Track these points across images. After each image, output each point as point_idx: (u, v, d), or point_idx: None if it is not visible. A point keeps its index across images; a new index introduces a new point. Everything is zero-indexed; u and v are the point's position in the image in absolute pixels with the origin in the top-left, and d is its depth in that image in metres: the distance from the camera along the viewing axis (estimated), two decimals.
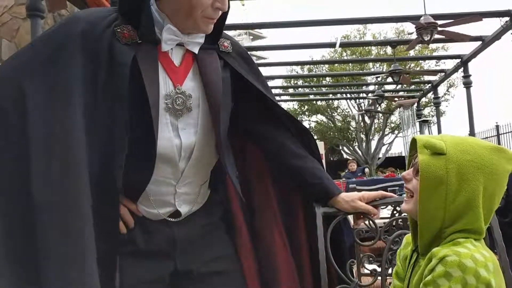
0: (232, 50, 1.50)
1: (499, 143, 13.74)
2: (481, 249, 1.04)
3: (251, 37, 43.04)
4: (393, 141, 24.79)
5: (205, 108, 1.38)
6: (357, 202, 1.50)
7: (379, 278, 1.53)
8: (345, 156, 26.41)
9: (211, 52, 1.43)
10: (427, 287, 1.00)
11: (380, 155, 24.53)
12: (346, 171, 15.45)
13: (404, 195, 1.24)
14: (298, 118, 27.25)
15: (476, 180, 1.05)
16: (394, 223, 1.77)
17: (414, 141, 1.20)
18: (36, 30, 4.87)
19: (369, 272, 1.58)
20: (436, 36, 7.07)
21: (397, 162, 18.34)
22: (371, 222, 1.56)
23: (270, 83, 16.73)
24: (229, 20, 1.45)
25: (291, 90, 21.18)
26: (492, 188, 1.07)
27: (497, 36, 8.08)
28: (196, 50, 1.38)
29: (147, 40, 1.31)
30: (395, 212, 2.23)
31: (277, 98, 22.51)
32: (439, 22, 6.77)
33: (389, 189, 3.83)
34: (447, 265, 0.97)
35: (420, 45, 8.56)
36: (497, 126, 14.24)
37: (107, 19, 1.30)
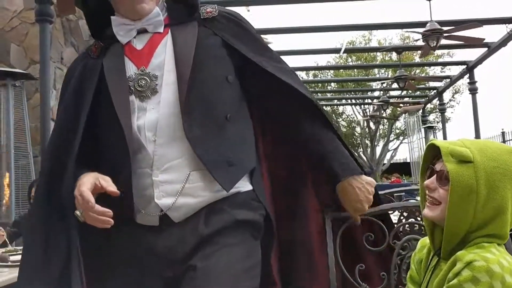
0: (218, 14, 1.39)
1: None
2: (504, 254, 1.05)
3: None
4: (398, 147, 24.75)
5: (170, 81, 1.29)
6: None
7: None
8: None
9: (188, 24, 1.36)
10: None
11: (385, 161, 24.47)
12: None
13: (412, 200, 1.26)
14: None
15: (504, 187, 1.05)
16: (401, 228, 1.78)
17: (430, 147, 1.17)
18: (44, 35, 4.92)
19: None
20: (443, 42, 7.07)
21: (402, 168, 18.29)
22: (380, 228, 1.56)
23: None
24: None
25: None
26: (509, 186, 1.06)
27: (503, 42, 8.07)
28: (159, 30, 1.35)
29: (112, 43, 1.37)
30: (402, 217, 2.24)
31: None
32: (445, 28, 6.77)
33: (395, 195, 3.82)
34: (475, 270, 0.97)
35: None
36: (503, 133, 14.16)
37: (81, 55, 1.46)
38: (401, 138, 23.66)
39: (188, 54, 1.29)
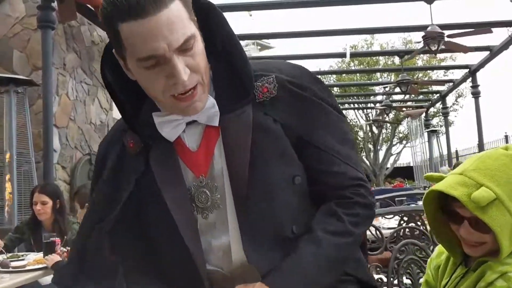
0: (278, 90, 1.09)
1: None
2: None
3: (259, 47, 43.12)
4: (401, 151, 24.68)
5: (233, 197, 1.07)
6: None
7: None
8: None
9: (241, 112, 1.07)
10: None
11: (388, 165, 24.41)
12: None
13: (413, 205, 1.24)
14: None
15: None
16: (401, 233, 1.78)
17: (432, 180, 1.13)
18: (46, 41, 4.95)
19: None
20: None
21: (405, 172, 18.23)
22: (377, 231, 1.56)
23: None
24: (236, 31, 1.15)
25: None
26: None
27: (505, 45, 8.07)
28: (215, 123, 1.07)
29: (156, 139, 1.09)
30: (402, 222, 2.23)
31: None
32: (447, 32, 6.77)
33: (396, 199, 3.80)
34: (510, 281, 0.97)
35: (428, 55, 8.56)
36: (506, 136, 14.11)
37: (118, 132, 1.18)
38: (404, 142, 23.61)
39: (242, 161, 1.04)
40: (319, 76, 1.25)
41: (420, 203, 4.44)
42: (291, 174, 1.08)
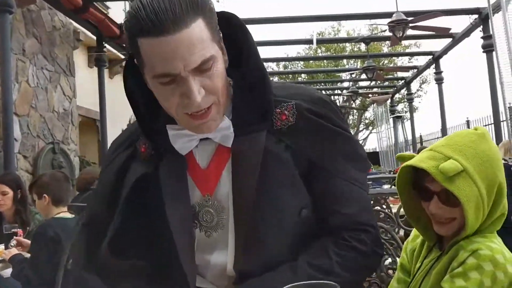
0: (297, 120, 1.06)
1: None
2: (503, 245, 1.07)
3: None
4: (367, 137, 25.12)
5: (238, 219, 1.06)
6: None
7: None
8: None
9: (255, 137, 1.05)
10: (456, 278, 0.99)
11: None
12: None
13: (378, 188, 1.24)
14: None
15: (495, 176, 1.05)
16: None
17: (406, 166, 1.12)
18: (4, 26, 4.75)
19: None
20: (411, 32, 7.19)
21: (372, 157, 18.54)
22: None
23: None
24: None
25: None
26: (502, 172, 1.08)
27: (467, 33, 8.26)
28: (228, 144, 1.06)
29: (168, 150, 1.08)
30: None
31: None
32: (410, 18, 6.87)
33: None
34: (480, 258, 0.99)
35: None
36: (468, 122, 14.53)
37: (132, 136, 1.17)
38: (370, 128, 24.02)
39: (248, 186, 1.02)
40: (286, 63, 1.21)
41: (386, 186, 4.55)
42: (298, 205, 1.04)
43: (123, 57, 7.98)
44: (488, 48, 7.24)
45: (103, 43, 7.57)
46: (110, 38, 7.59)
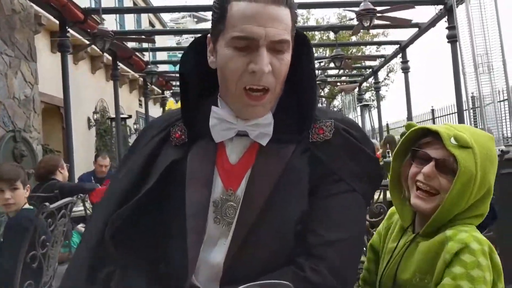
0: (333, 136, 1.09)
1: None
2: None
3: (196, 19, 42.33)
4: None
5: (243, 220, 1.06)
6: None
7: None
8: None
9: (286, 146, 1.08)
10: (461, 281, 0.98)
11: None
12: None
13: None
14: None
15: (491, 173, 1.09)
16: None
17: (417, 129, 1.14)
18: None
19: None
20: (378, 22, 7.24)
21: None
22: None
23: None
24: (173, 2, 1.12)
25: None
26: (493, 180, 1.11)
27: (432, 23, 8.40)
28: (263, 142, 1.07)
29: (203, 136, 1.11)
30: None
31: None
32: (379, 8, 6.93)
33: None
34: (477, 254, 0.99)
35: (362, 31, 8.76)
36: (433, 110, 14.85)
37: (168, 121, 1.19)
38: None
39: (260, 192, 1.03)
40: None
41: None
42: (298, 220, 1.04)
43: (88, 42, 7.74)
44: (453, 38, 7.38)
45: (67, 28, 7.34)
46: (74, 23, 7.37)
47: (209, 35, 1.09)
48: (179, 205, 1.06)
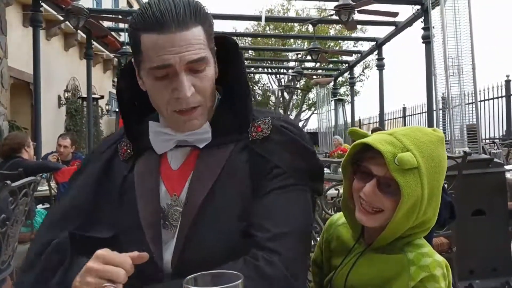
0: (272, 132, 1.13)
1: (405, 124, 14.66)
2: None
3: None
4: (309, 117, 25.61)
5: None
6: None
7: None
8: None
9: (225, 147, 1.12)
10: None
11: None
12: None
13: None
14: None
15: (439, 185, 1.04)
16: None
17: (359, 143, 1.07)
18: None
19: None
20: (358, 16, 7.30)
21: (312, 138, 18.96)
22: None
23: None
24: None
25: None
26: (441, 187, 1.07)
27: (409, 22, 8.53)
28: (200, 145, 1.12)
29: (146, 150, 1.16)
30: None
31: None
32: (357, 3, 6.98)
33: None
34: (440, 281, 1.01)
35: (340, 25, 8.81)
36: (404, 108, 15.12)
37: (114, 139, 1.25)
38: (313, 109, 24.46)
39: (199, 193, 1.07)
40: (234, 38, 1.28)
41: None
42: (241, 218, 1.06)
43: (61, 18, 7.55)
44: (427, 39, 7.51)
45: (40, 1, 7.14)
46: None
47: (132, 58, 1.13)
48: (133, 217, 1.09)
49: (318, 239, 1.57)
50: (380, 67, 10.83)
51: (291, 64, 15.41)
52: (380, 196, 1.02)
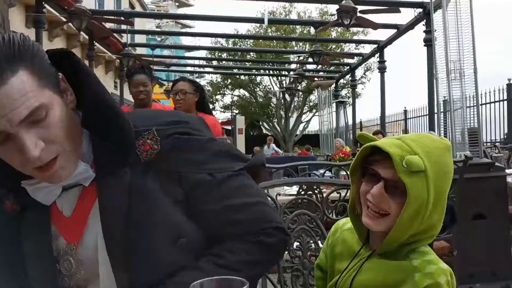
0: (162, 145, 1.04)
1: (406, 127, 14.67)
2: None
3: (177, 3, 41.71)
4: (310, 119, 25.59)
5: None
6: None
7: None
8: (264, 131, 26.88)
9: (120, 175, 1.01)
10: None
11: (298, 132, 25.25)
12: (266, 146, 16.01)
13: (316, 172, 1.22)
14: (221, 92, 26.98)
15: (445, 191, 1.06)
16: (299, 201, 1.84)
17: (368, 146, 1.08)
18: None
19: None
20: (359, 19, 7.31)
21: (314, 139, 18.97)
22: (274, 202, 1.61)
23: (194, 54, 16.44)
24: None
25: (215, 63, 21.00)
26: (448, 190, 1.09)
27: (411, 25, 8.52)
28: (85, 183, 1.01)
29: (32, 202, 1.03)
30: (301, 191, 2.31)
31: (201, 70, 22.27)
32: (360, 7, 6.99)
33: (299, 167, 3.95)
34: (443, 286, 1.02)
35: (342, 28, 8.82)
36: (405, 111, 15.12)
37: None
38: (314, 111, 24.43)
39: (118, 225, 0.99)
40: (236, 40, 1.20)
41: (321, 171, 4.67)
42: (174, 236, 1.02)
43: (64, 20, 7.57)
44: (429, 42, 7.50)
45: (43, 3, 7.16)
46: None
47: None
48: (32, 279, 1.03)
49: (319, 242, 1.60)
50: (382, 69, 10.82)
51: (293, 66, 15.38)
52: (387, 198, 1.03)
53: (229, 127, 18.28)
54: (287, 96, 24.05)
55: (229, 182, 1.09)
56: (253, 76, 22.98)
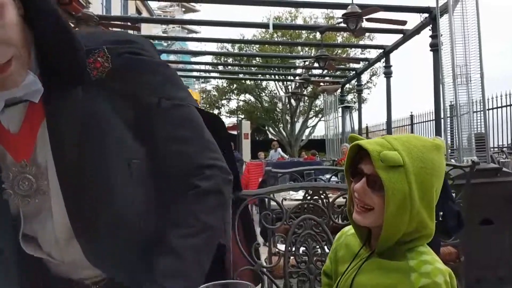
0: (113, 63, 1.02)
1: (412, 132, 14.60)
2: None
3: (183, 9, 41.98)
4: (316, 124, 25.57)
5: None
6: None
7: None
8: (270, 136, 26.89)
9: (71, 92, 0.99)
10: None
11: (304, 137, 25.23)
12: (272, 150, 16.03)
13: (322, 177, 1.23)
14: (227, 96, 27.00)
15: (431, 187, 1.07)
16: (305, 206, 1.84)
17: (354, 145, 1.13)
18: None
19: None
20: (366, 24, 7.31)
21: (319, 144, 18.95)
22: (281, 206, 1.61)
23: (200, 59, 16.51)
24: None
25: (220, 68, 21.06)
26: (439, 187, 1.10)
27: (417, 30, 8.51)
28: (35, 99, 0.97)
29: None
30: (307, 195, 2.31)
31: (207, 74, 22.33)
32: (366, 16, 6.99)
33: (305, 172, 3.94)
34: (441, 287, 1.02)
35: (347, 32, 8.82)
36: (412, 116, 15.07)
37: None
38: (320, 115, 24.44)
39: (68, 147, 0.97)
40: (242, 45, 1.21)
41: (327, 176, 4.67)
42: (126, 158, 1.02)
43: (71, 25, 7.63)
44: (435, 47, 7.48)
45: None
46: (58, 3, 7.25)
47: None
48: None
49: (325, 248, 1.60)
50: (388, 74, 10.81)
51: (299, 71, 15.42)
52: (369, 192, 1.07)
53: (235, 132, 18.32)
54: (292, 101, 24.07)
55: (178, 112, 1.08)
56: (259, 81, 23.00)
